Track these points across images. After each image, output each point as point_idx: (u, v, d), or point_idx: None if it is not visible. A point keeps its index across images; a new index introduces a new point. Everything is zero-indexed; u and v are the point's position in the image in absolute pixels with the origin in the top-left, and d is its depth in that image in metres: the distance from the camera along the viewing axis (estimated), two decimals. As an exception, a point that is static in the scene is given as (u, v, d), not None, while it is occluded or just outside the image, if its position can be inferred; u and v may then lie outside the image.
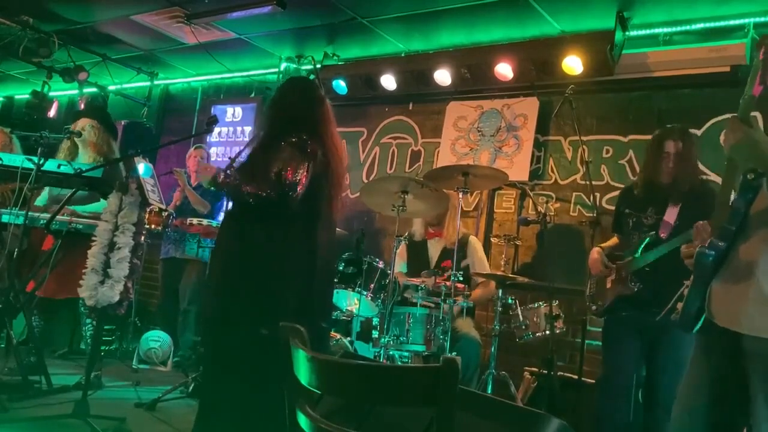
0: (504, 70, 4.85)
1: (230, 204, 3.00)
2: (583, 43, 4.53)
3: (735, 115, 1.90)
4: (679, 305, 2.00)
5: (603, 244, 3.37)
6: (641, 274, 3.00)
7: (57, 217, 3.62)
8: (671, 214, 2.97)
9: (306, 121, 2.85)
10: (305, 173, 2.73)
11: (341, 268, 4.39)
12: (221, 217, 5.32)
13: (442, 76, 5.13)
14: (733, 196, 1.99)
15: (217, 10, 5.04)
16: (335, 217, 3.00)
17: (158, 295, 5.71)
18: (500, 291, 3.85)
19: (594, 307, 3.25)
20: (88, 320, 4.06)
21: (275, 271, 2.72)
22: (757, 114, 4.05)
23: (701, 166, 3.76)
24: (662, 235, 2.96)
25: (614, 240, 3.35)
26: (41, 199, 4.25)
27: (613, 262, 3.16)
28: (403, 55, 5.54)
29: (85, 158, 4.20)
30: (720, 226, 1.93)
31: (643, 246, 3.02)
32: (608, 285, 3.16)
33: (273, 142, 2.82)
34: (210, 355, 2.86)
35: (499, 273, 4.03)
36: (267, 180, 2.69)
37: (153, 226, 4.17)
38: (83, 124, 4.27)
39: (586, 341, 3.86)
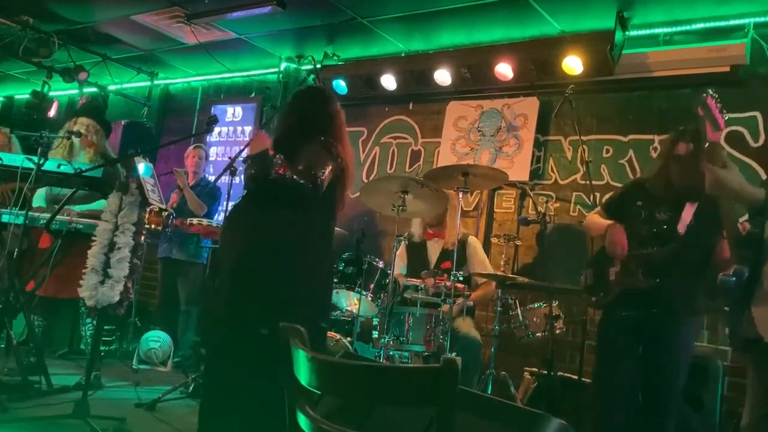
0: (504, 70, 4.85)
1: (237, 201, 2.98)
2: (583, 43, 4.53)
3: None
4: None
5: (596, 220, 3.26)
6: (655, 268, 2.93)
7: (57, 217, 3.62)
8: (688, 212, 2.96)
9: (326, 130, 2.93)
10: (330, 172, 2.80)
11: (341, 268, 4.39)
12: (220, 216, 5.33)
13: (442, 76, 5.13)
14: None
15: (217, 10, 5.04)
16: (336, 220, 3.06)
17: (157, 295, 5.70)
18: (500, 291, 3.86)
19: (594, 299, 3.21)
20: (89, 320, 4.06)
21: (291, 269, 2.72)
22: (757, 114, 4.08)
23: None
24: (680, 230, 2.94)
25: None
26: (38, 198, 4.23)
27: None
28: (403, 55, 5.54)
29: (83, 158, 4.20)
30: (738, 253, 2.02)
31: (655, 239, 2.97)
32: (612, 276, 3.10)
33: (293, 142, 2.86)
34: (227, 355, 2.77)
35: (499, 273, 4.03)
36: (299, 170, 2.72)
37: (153, 226, 4.16)
38: (81, 123, 4.27)
39: (586, 341, 3.86)
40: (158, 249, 5.38)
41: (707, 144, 2.14)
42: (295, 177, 2.69)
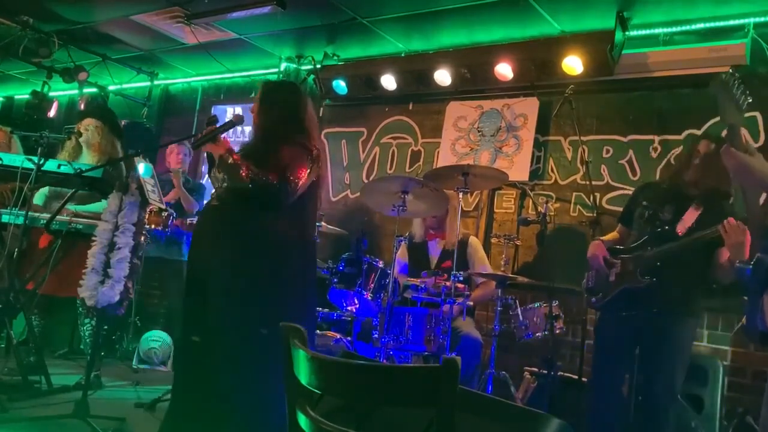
0: (504, 70, 4.85)
1: (209, 201, 2.96)
2: (583, 43, 4.53)
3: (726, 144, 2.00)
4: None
5: (603, 237, 3.32)
6: (652, 268, 2.95)
7: (57, 217, 3.62)
8: (691, 216, 2.95)
9: (303, 129, 2.89)
10: (307, 175, 2.76)
11: (341, 268, 4.38)
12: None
13: (442, 76, 5.13)
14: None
15: (217, 10, 5.04)
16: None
17: (153, 294, 5.68)
18: (500, 291, 3.86)
19: (593, 300, 3.21)
20: (87, 320, 4.05)
21: (250, 272, 2.69)
22: (757, 114, 4.07)
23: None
24: (679, 232, 2.94)
25: (614, 234, 3.32)
26: (39, 196, 4.22)
27: (616, 256, 3.14)
28: (403, 55, 5.54)
29: (88, 158, 4.20)
30: (763, 243, 1.98)
31: (655, 240, 2.97)
32: (612, 278, 3.10)
33: (274, 138, 2.83)
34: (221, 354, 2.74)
35: (499, 273, 4.03)
36: (274, 171, 2.68)
37: (153, 226, 4.16)
38: (86, 124, 4.27)
39: (586, 341, 3.86)
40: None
41: (727, 126, 2.07)
42: (266, 179, 2.63)
